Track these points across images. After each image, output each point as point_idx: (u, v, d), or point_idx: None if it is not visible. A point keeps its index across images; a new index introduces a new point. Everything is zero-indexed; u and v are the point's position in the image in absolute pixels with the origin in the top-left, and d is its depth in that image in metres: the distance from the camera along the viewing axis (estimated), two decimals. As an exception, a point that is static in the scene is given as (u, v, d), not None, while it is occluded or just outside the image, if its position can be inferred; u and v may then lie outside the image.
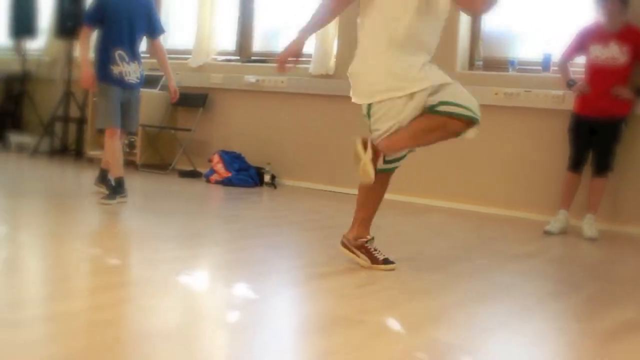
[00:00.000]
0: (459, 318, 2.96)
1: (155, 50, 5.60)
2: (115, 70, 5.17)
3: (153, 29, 5.41)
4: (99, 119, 5.32)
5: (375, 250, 3.62)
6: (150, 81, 7.64)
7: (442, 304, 3.13)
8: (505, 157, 5.95)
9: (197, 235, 4.42)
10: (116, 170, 5.24)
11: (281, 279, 3.46)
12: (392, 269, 3.55)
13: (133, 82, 5.28)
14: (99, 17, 5.19)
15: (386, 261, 3.59)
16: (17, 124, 8.75)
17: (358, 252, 3.63)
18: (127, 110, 5.30)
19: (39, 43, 8.68)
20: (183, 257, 3.69)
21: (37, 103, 8.53)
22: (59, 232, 4.25)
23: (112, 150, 5.22)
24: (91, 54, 5.39)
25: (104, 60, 5.18)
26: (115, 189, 5.21)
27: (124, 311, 2.77)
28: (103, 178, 5.53)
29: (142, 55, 5.50)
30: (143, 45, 8.12)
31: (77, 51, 7.95)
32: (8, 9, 8.39)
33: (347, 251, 3.67)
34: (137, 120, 5.51)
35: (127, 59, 5.21)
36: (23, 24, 8.33)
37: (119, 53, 5.18)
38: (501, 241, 4.86)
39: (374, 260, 3.58)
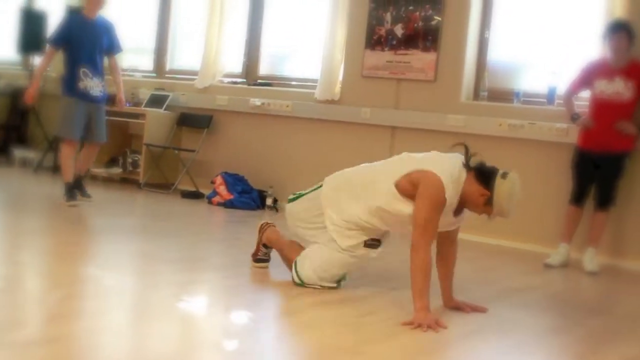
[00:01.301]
0: (457, 352, 2.94)
1: (110, 65, 6.09)
2: (81, 85, 5.73)
3: (111, 47, 5.98)
4: (61, 129, 5.89)
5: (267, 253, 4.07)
6: (155, 101, 7.69)
7: (441, 337, 3.11)
8: (508, 188, 5.94)
9: (197, 258, 4.41)
10: (67, 176, 5.81)
11: (281, 307, 3.45)
12: (262, 267, 4.05)
13: (96, 95, 5.82)
14: (64, 40, 5.75)
15: (259, 260, 4.06)
16: (22, 139, 8.77)
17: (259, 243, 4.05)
18: (93, 124, 5.85)
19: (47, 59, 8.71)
20: (182, 282, 3.68)
21: (42, 118, 8.55)
22: (58, 251, 4.24)
23: (66, 157, 5.84)
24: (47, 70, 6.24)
25: (70, 76, 5.73)
26: (69, 192, 5.79)
27: (120, 335, 2.76)
28: (77, 185, 5.93)
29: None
30: (148, 64, 8.20)
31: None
32: (17, 24, 8.45)
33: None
34: (104, 131, 5.97)
35: (90, 75, 5.75)
36: (31, 39, 8.38)
37: (83, 70, 5.72)
38: (501, 273, 4.84)
39: (254, 253, 4.08)
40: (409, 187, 3.40)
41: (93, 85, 5.77)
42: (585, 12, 5.83)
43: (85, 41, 5.75)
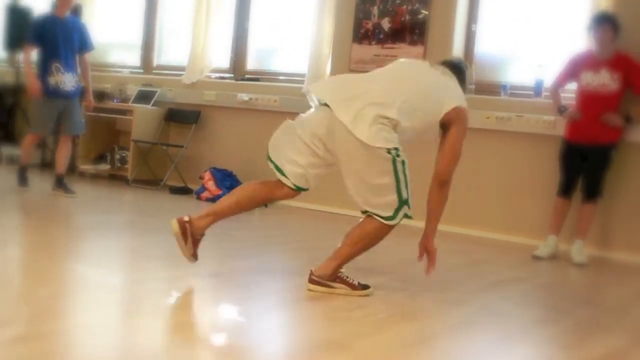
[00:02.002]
0: (446, 344, 2.95)
1: (81, 62, 6.33)
2: (52, 80, 6.01)
3: (83, 45, 6.28)
4: (32, 125, 6.29)
5: (348, 277, 3.53)
6: (143, 97, 7.67)
7: (430, 330, 3.12)
8: (496, 181, 5.97)
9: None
10: (25, 159, 6.30)
11: (269, 302, 3.45)
12: (368, 294, 3.50)
13: (68, 89, 6.10)
14: (39, 37, 6.03)
15: (363, 286, 3.53)
16: (10, 136, 8.73)
17: (334, 284, 3.48)
18: (67, 116, 6.15)
19: (33, 56, 8.66)
20: (171, 277, 3.68)
21: (30, 115, 8.51)
22: (46, 247, 4.22)
23: (28, 145, 6.28)
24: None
25: (42, 72, 6.03)
26: (21, 176, 6.25)
27: (109, 330, 2.75)
28: (60, 183, 6.19)
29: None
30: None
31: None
32: (2, 21, 8.39)
33: (320, 287, 3.49)
34: (80, 123, 6.34)
35: (62, 70, 6.03)
36: (17, 36, 8.33)
37: (55, 65, 6.01)
38: (490, 265, 4.86)
39: (352, 286, 3.49)
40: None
41: (65, 80, 6.05)
42: (571, 4, 5.85)
43: (58, 37, 6.04)
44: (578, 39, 5.55)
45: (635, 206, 5.44)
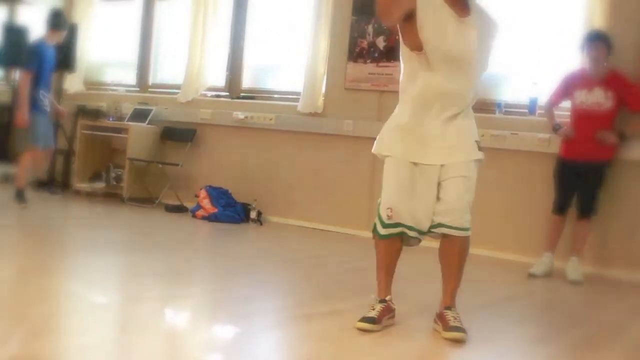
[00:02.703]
0: (442, 363, 2.95)
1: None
2: (40, 104, 6.40)
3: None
4: (29, 139, 6.44)
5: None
6: (138, 115, 7.68)
7: (425, 349, 3.11)
8: (491, 199, 5.97)
9: (181, 272, 4.40)
10: (21, 181, 6.49)
11: (264, 320, 3.44)
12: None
13: (48, 109, 6.54)
14: (38, 64, 6.37)
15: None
16: (5, 154, 8.72)
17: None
18: (48, 133, 6.60)
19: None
20: (166, 296, 3.67)
21: (29, 131, 8.49)
22: (40, 266, 4.21)
23: (26, 165, 6.52)
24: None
25: (35, 95, 6.34)
26: (21, 196, 6.40)
27: (104, 351, 2.74)
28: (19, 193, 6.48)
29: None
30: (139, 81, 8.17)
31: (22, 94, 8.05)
32: (-1, 39, 8.42)
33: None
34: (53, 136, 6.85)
35: (46, 95, 6.50)
36: (14, 54, 8.34)
37: (42, 92, 6.42)
38: (486, 283, 4.85)
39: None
40: None
41: (48, 102, 6.51)
42: (565, 23, 5.88)
43: (47, 66, 6.48)
44: (572, 58, 5.57)
45: (630, 223, 5.44)
